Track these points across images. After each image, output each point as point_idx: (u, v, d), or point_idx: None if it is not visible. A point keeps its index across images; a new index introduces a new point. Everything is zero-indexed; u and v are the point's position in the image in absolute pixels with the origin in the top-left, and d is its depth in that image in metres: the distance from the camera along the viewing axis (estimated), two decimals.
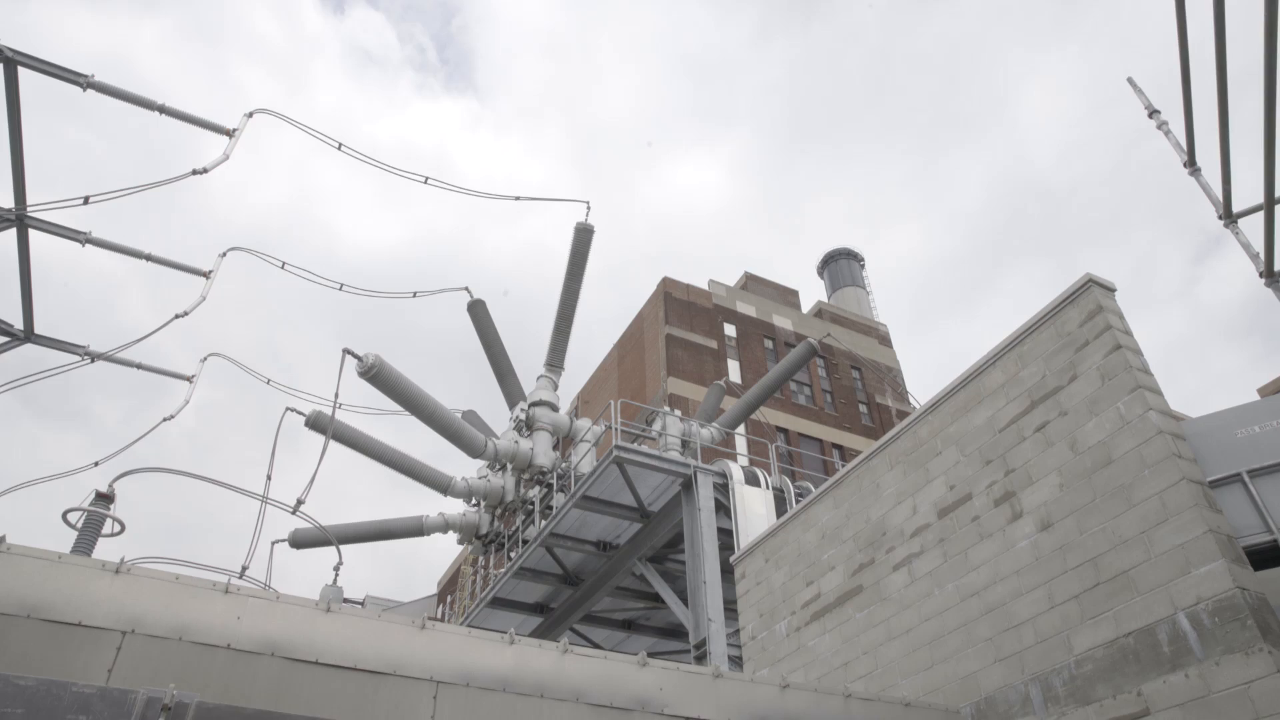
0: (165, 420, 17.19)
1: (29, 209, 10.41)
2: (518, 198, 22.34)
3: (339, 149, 17.81)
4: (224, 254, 17.03)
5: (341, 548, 17.95)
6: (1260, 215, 7.62)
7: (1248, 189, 8.32)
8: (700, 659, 12.09)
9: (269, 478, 15.80)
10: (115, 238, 12.62)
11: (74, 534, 12.10)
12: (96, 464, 15.85)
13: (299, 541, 19.64)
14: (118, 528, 12.54)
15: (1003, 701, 7.57)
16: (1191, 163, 8.02)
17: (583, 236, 21.03)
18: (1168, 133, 8.27)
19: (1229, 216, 7.72)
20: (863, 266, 69.35)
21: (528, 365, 24.39)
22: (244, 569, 14.11)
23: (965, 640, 8.10)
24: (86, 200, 11.97)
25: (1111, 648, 6.78)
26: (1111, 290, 7.96)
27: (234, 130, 14.07)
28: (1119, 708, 6.61)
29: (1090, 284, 7.90)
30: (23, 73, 10.57)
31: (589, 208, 21.33)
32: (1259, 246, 7.57)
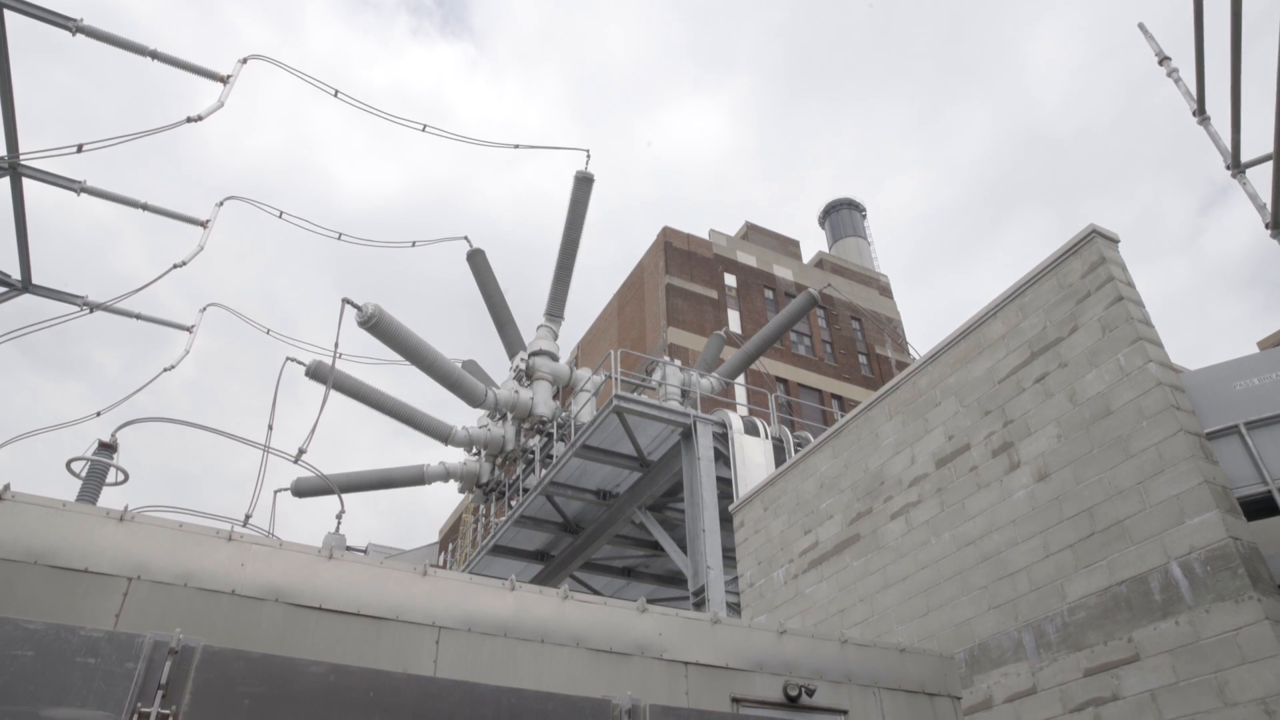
0: (166, 370, 17.21)
1: (22, 157, 10.29)
2: (516, 145, 22.08)
3: (335, 96, 17.56)
4: (221, 203, 16.89)
5: (343, 496, 18.12)
6: (1269, 165, 7.54)
7: (1257, 138, 8.22)
8: (699, 605, 12.28)
9: (270, 427, 15.88)
10: (109, 186, 12.49)
11: (77, 483, 12.21)
12: (99, 414, 15.92)
13: (301, 490, 19.81)
14: (122, 477, 12.64)
15: (996, 647, 7.70)
16: (1201, 111, 7.90)
17: (582, 185, 20.83)
18: (1178, 80, 8.14)
19: (1237, 166, 7.62)
20: (864, 217, 68.86)
21: (527, 314, 24.36)
22: (247, 517, 14.26)
23: (960, 588, 8.21)
24: (80, 148, 11.82)
25: (1104, 595, 6.88)
26: (1115, 241, 7.90)
27: (228, 77, 13.85)
28: (1109, 653, 6.73)
29: (1094, 235, 7.85)
30: (9, 16, 10.35)
31: (589, 156, 21.10)
32: (1266, 197, 7.49)
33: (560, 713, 3.88)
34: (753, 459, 14.04)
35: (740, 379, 26.22)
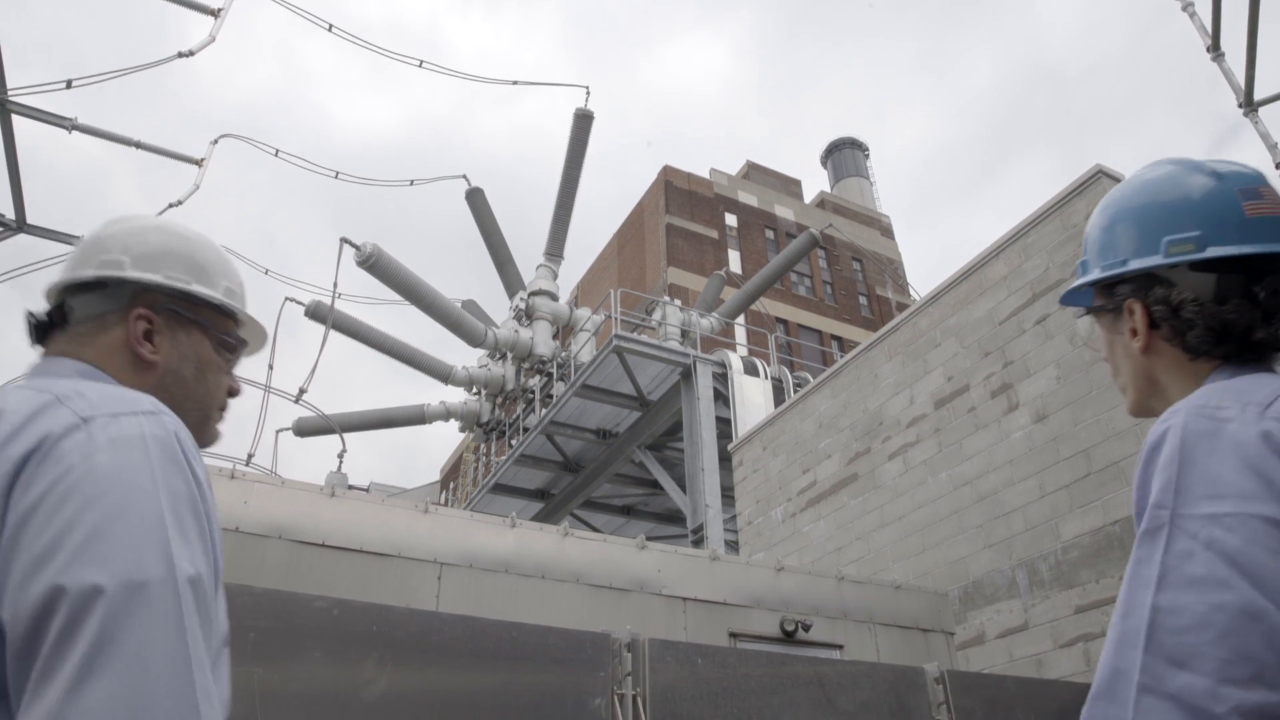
0: None
1: (10, 93, 10.10)
2: (515, 82, 21.68)
3: (329, 30, 17.17)
4: (215, 141, 16.63)
5: (345, 436, 18.24)
6: None
7: (1272, 76, 8.05)
8: (698, 543, 12.45)
9: (271, 367, 15.91)
10: (100, 124, 12.28)
11: None
12: None
13: (303, 430, 19.94)
14: None
15: (989, 585, 7.83)
16: (1215, 47, 7.72)
17: (582, 123, 20.51)
18: (1193, 14, 7.93)
19: (1249, 104, 7.47)
20: (867, 157, 68.01)
21: (527, 253, 24.21)
22: (250, 456, 14.37)
23: (956, 527, 8.31)
24: (69, 84, 11.60)
25: (1098, 535, 6.97)
26: (1120, 181, 7.81)
27: (219, 10, 13.52)
28: (1100, 591, 6.84)
29: (1099, 175, 7.75)
30: None
31: (588, 93, 20.74)
32: (1279, 137, 7.37)
33: (561, 646, 3.95)
34: (752, 399, 14.10)
35: (740, 319, 26.20)
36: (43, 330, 1.16)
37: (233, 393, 1.29)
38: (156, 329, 1.17)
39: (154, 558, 0.85)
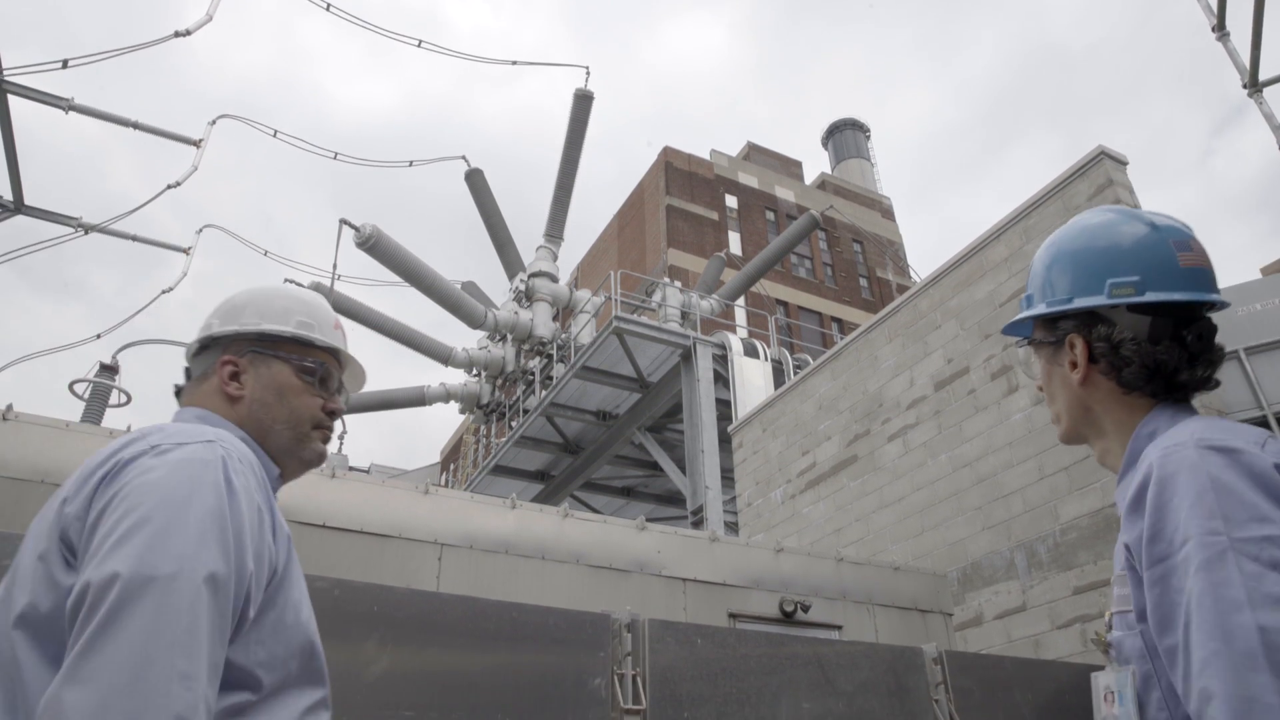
0: (164, 293, 17.14)
1: (5, 73, 10.03)
2: (515, 63, 21.56)
3: (327, 9, 17.04)
4: (213, 121, 16.54)
5: (345, 417, 18.26)
6: None
7: (1278, 56, 7.99)
8: (697, 525, 12.49)
9: None
10: (96, 104, 12.20)
11: (79, 405, 12.27)
12: (99, 336, 15.92)
13: None
14: (124, 399, 12.70)
15: (988, 566, 7.86)
16: (1220, 27, 7.66)
17: (582, 104, 20.39)
18: None
19: (1254, 85, 7.42)
20: (868, 138, 67.68)
21: (527, 234, 24.14)
22: None
23: (955, 509, 8.33)
24: (66, 64, 11.52)
25: (1096, 517, 6.98)
26: (1123, 164, 7.77)
27: None
28: (1098, 572, 6.87)
29: (1102, 156, 7.71)
30: None
31: (588, 73, 20.61)
32: None
33: (561, 626, 3.97)
34: (752, 381, 14.10)
35: (740, 301, 26.16)
36: (179, 391, 1.47)
37: (329, 411, 1.49)
38: (242, 369, 1.42)
39: (169, 557, 1.00)
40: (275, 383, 1.43)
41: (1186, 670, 0.97)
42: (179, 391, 1.47)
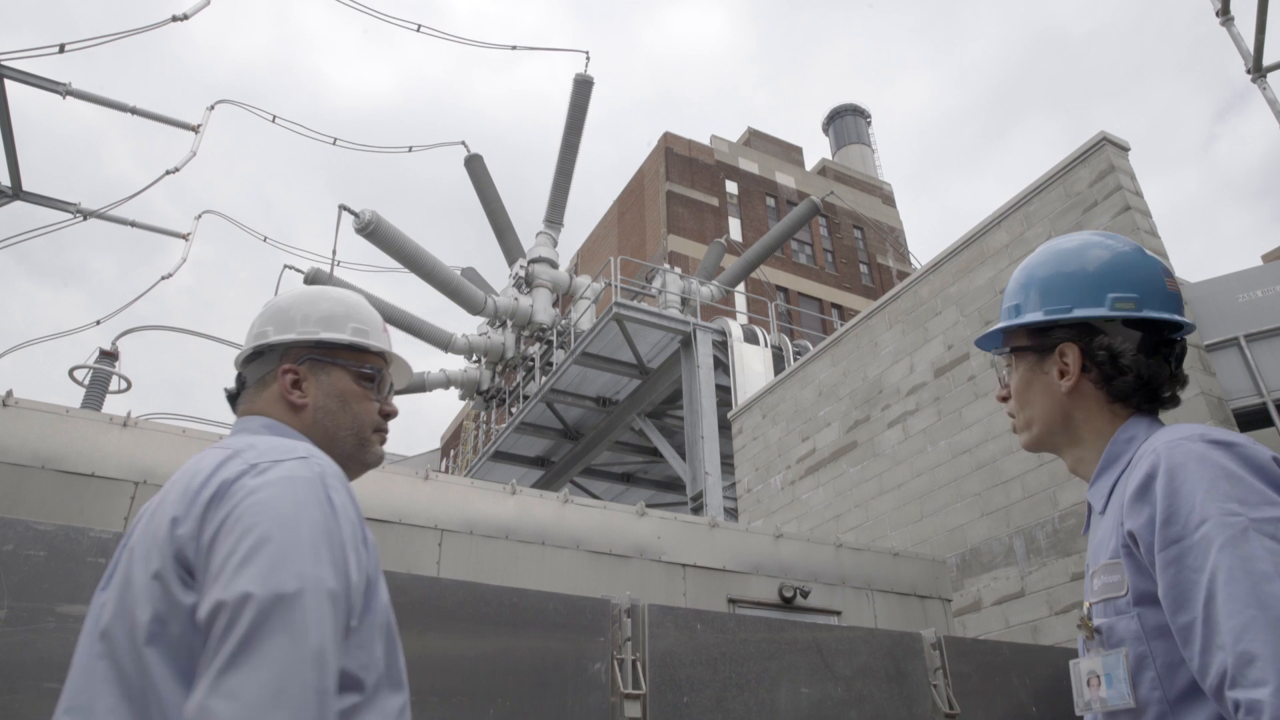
0: (164, 279, 17.12)
1: (2, 57, 9.98)
2: (514, 47, 21.46)
3: None
4: (212, 107, 16.47)
5: None
6: None
7: None
8: (697, 510, 12.52)
9: None
10: (93, 89, 12.15)
11: (79, 391, 12.28)
12: (98, 322, 15.91)
13: None
14: (124, 384, 12.71)
15: (987, 552, 7.88)
16: (1224, 11, 7.61)
17: (582, 89, 20.30)
18: None
19: (1258, 70, 7.39)
20: (869, 124, 67.41)
21: (527, 220, 24.09)
22: None
23: (955, 495, 8.35)
24: (62, 49, 11.46)
25: None
26: (1125, 149, 7.74)
27: None
28: None
29: (1104, 142, 7.68)
30: None
31: (588, 58, 20.50)
32: None
33: (561, 611, 3.99)
34: (752, 367, 14.10)
35: (740, 287, 26.13)
36: (233, 398, 1.49)
37: (385, 414, 1.52)
38: (302, 377, 1.45)
39: (291, 574, 1.06)
40: (336, 390, 1.46)
41: (1208, 643, 1.02)
42: (233, 397, 1.49)
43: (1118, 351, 1.30)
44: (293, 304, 1.50)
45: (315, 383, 1.45)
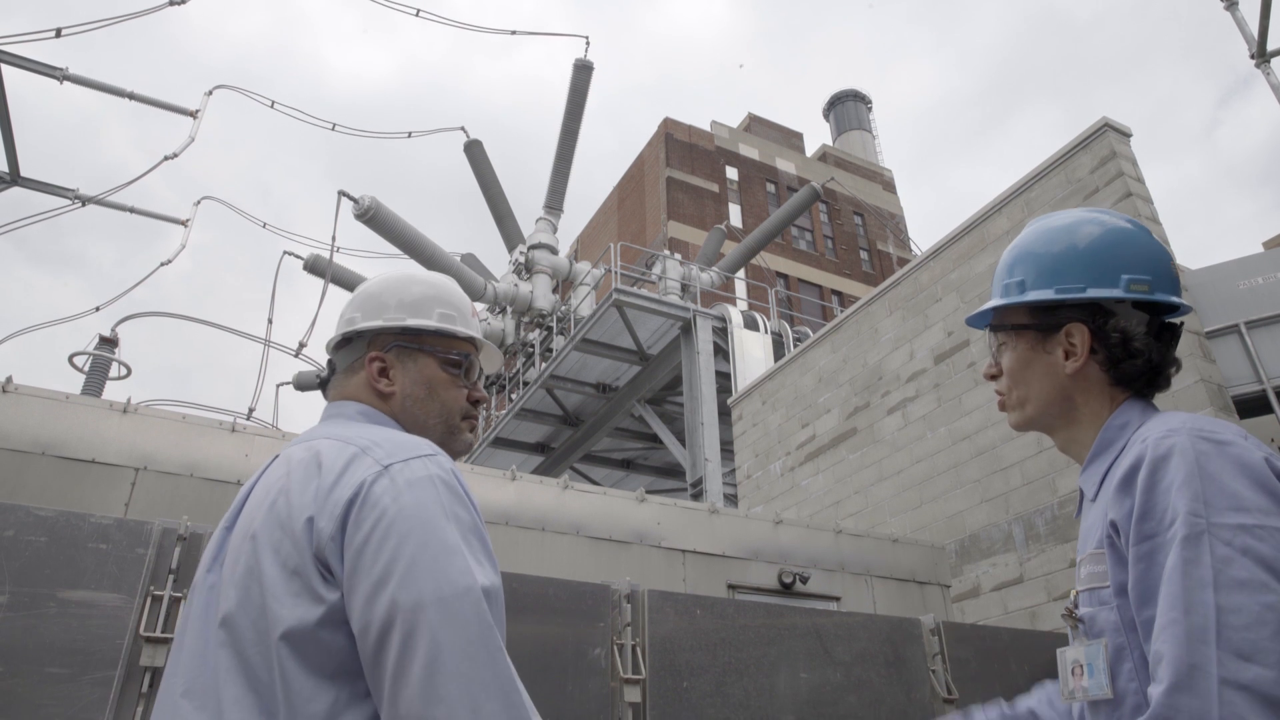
0: (163, 265, 17.10)
1: None
2: (514, 32, 21.36)
3: None
4: (210, 92, 16.40)
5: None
6: None
7: None
8: (697, 497, 12.55)
9: (270, 321, 15.89)
10: (89, 73, 12.09)
11: (78, 378, 12.28)
12: (98, 309, 15.90)
13: (303, 384, 19.97)
14: (124, 371, 12.71)
15: (986, 539, 7.90)
16: None
17: (581, 74, 20.21)
18: None
19: (1261, 56, 7.35)
20: (869, 110, 67.12)
21: (526, 206, 24.03)
22: (250, 410, 14.41)
23: (954, 481, 8.37)
24: (59, 33, 11.40)
25: None
26: (1127, 135, 7.71)
27: None
28: None
29: (1105, 128, 7.65)
30: None
31: (588, 43, 20.41)
32: None
33: (560, 597, 4.00)
34: (752, 353, 14.10)
35: (740, 273, 26.10)
36: (325, 383, 1.49)
37: (474, 400, 1.51)
38: (389, 364, 1.43)
39: (457, 575, 1.09)
40: (424, 377, 1.44)
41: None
42: (324, 383, 1.49)
43: (1131, 334, 1.28)
44: (383, 289, 1.48)
45: (402, 370, 1.43)
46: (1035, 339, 1.36)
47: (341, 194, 16.34)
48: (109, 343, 12.55)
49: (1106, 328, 1.29)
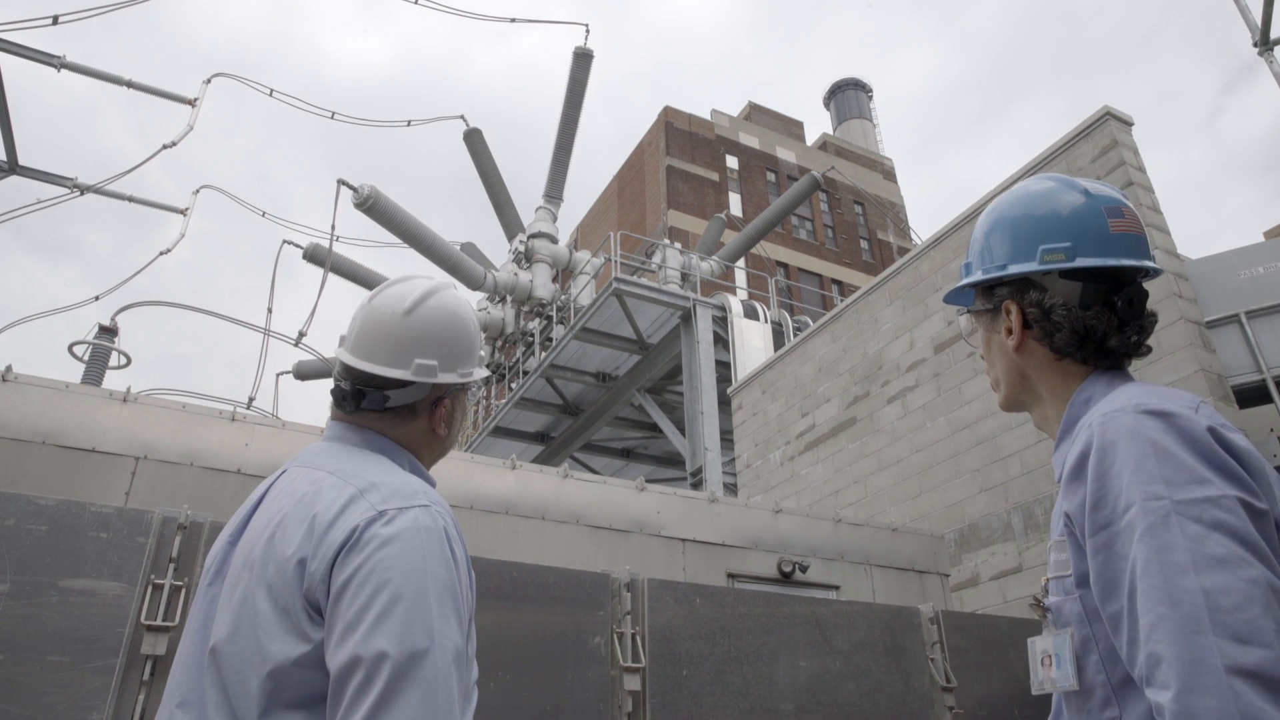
0: (162, 254, 17.06)
1: None
2: (513, 20, 21.25)
3: None
4: (208, 80, 16.34)
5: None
6: None
7: None
8: (696, 486, 12.56)
9: (270, 310, 15.87)
10: (84, 60, 12.05)
11: (77, 367, 12.27)
12: (97, 298, 15.86)
13: (303, 373, 19.98)
14: (124, 360, 12.70)
15: (985, 528, 7.92)
16: None
17: (581, 63, 20.12)
18: None
19: (1265, 44, 7.32)
20: (870, 98, 66.88)
21: (526, 194, 23.97)
22: (250, 400, 14.41)
23: (953, 471, 8.38)
24: (56, 20, 11.35)
25: None
26: (1129, 124, 7.69)
27: None
28: None
29: (1107, 117, 7.63)
30: None
31: (588, 31, 20.32)
32: None
33: (560, 585, 4.01)
34: (751, 343, 14.09)
35: (740, 263, 26.06)
36: (344, 398, 1.44)
37: None
38: (449, 409, 1.50)
39: (423, 633, 1.12)
40: (461, 412, 1.54)
41: (1133, 635, 0.99)
42: (343, 396, 1.43)
43: (1048, 307, 1.24)
44: (457, 334, 1.48)
45: (452, 412, 1.51)
46: (990, 321, 1.36)
47: (341, 183, 16.30)
48: (108, 332, 12.54)
49: (1024, 302, 1.28)
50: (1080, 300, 1.24)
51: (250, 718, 1.14)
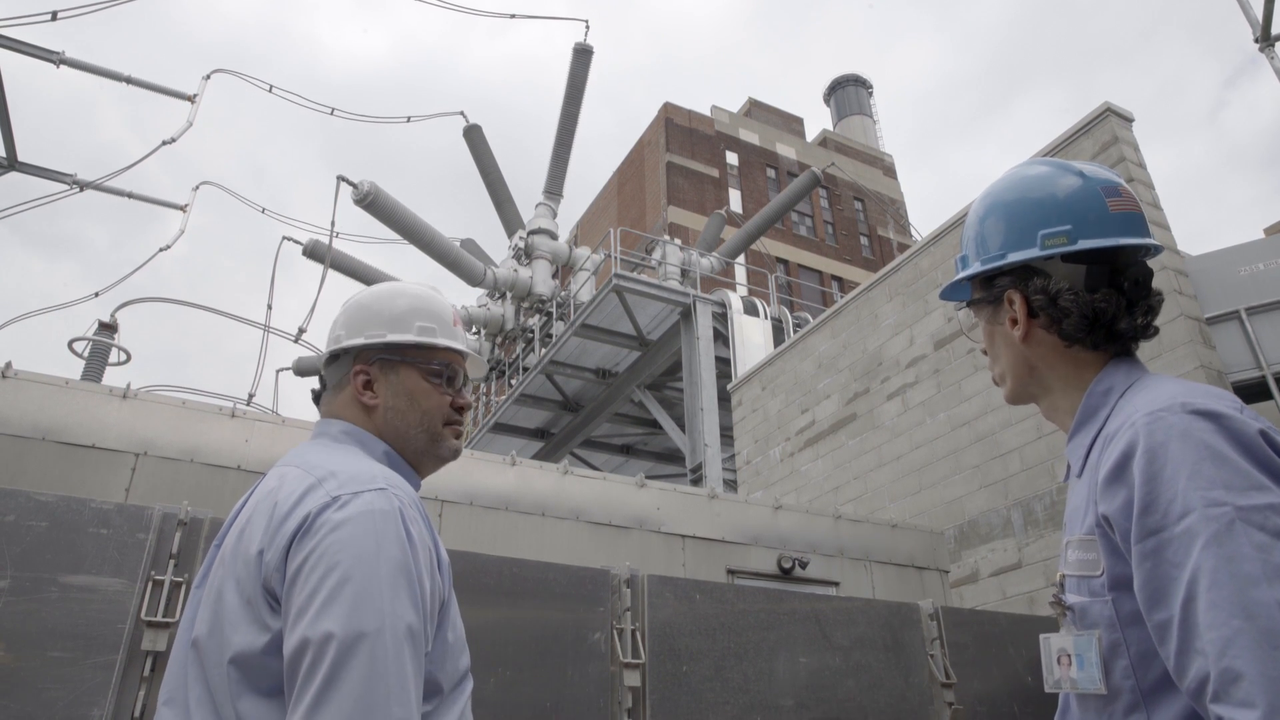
0: (162, 250, 17.04)
1: None
2: (513, 15, 21.22)
3: None
4: (207, 76, 16.31)
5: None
6: None
7: None
8: (696, 482, 12.56)
9: (270, 307, 15.86)
10: (82, 55, 12.02)
11: (76, 363, 12.27)
12: (96, 294, 15.86)
13: (303, 369, 19.97)
14: (124, 357, 12.70)
15: (985, 524, 7.93)
16: None
17: (581, 59, 20.09)
18: None
19: (1266, 39, 7.31)
20: (870, 94, 66.80)
21: (526, 189, 23.95)
22: (250, 396, 14.41)
23: (953, 467, 8.38)
24: (54, 16, 11.33)
25: None
26: (1129, 120, 7.68)
27: None
28: None
29: (1108, 113, 7.62)
30: None
31: (588, 26, 20.29)
32: None
33: (560, 582, 4.01)
34: (751, 339, 14.09)
35: (740, 259, 26.05)
36: (317, 398, 1.55)
37: (458, 407, 1.55)
38: (374, 377, 1.49)
39: (371, 614, 1.12)
40: (405, 388, 1.49)
41: (1185, 645, 0.95)
42: (317, 397, 1.55)
43: (1054, 293, 1.21)
44: (366, 305, 1.54)
45: (386, 382, 1.49)
46: (991, 312, 1.32)
47: (340, 179, 16.28)
48: (108, 328, 12.54)
49: (1028, 289, 1.24)
50: (1086, 283, 1.21)
51: (227, 709, 1.16)
